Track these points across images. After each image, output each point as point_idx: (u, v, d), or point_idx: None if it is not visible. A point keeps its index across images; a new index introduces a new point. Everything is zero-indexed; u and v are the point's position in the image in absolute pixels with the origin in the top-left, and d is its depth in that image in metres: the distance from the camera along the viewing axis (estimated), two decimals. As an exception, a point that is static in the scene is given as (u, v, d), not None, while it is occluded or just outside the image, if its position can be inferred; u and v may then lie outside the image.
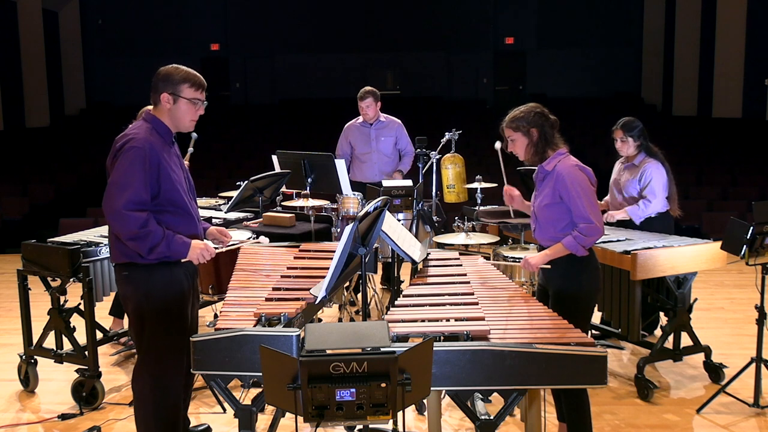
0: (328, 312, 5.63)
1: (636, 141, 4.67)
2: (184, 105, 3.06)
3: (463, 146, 6.02)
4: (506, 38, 19.73)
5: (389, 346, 2.16)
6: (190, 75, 3.08)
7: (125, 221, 2.87)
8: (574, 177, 3.11)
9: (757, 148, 12.50)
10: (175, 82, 3.04)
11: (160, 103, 3.06)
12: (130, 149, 2.91)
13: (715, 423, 3.81)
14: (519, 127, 3.23)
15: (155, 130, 3.03)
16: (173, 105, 3.05)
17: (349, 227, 2.74)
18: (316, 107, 17.65)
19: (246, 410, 2.68)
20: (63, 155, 13.49)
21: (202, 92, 3.11)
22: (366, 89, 6.06)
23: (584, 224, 3.08)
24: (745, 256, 3.68)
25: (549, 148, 3.21)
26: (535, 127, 3.20)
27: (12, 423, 3.93)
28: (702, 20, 15.81)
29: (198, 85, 3.08)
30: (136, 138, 2.94)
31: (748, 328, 4.93)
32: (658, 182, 4.58)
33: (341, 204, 5.14)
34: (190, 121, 3.13)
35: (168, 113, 3.07)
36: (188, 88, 3.05)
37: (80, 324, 4.09)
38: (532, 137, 3.21)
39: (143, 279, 3.01)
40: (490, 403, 2.67)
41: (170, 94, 3.03)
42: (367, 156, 6.09)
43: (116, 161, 2.93)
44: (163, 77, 3.05)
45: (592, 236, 3.08)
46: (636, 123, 4.71)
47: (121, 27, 19.29)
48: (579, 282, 3.18)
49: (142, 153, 2.90)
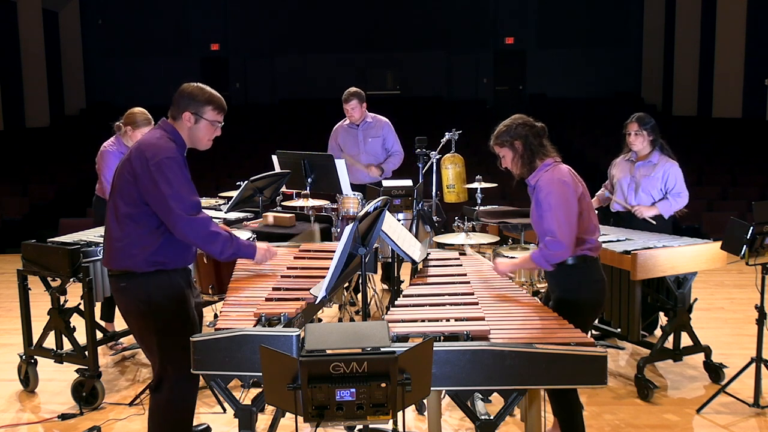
0: (328, 312, 5.63)
1: (650, 136, 4.68)
2: (204, 126, 3.10)
3: (463, 146, 6.01)
4: (506, 38, 19.73)
5: (389, 346, 2.16)
6: (215, 98, 3.12)
7: (196, 226, 2.95)
8: (549, 190, 3.05)
9: (757, 148, 12.50)
10: (199, 103, 3.07)
11: (181, 120, 3.08)
12: (168, 159, 2.94)
13: (715, 423, 3.81)
14: (504, 143, 3.19)
15: (176, 144, 3.06)
16: (194, 125, 3.08)
17: (349, 227, 2.74)
18: (316, 107, 17.64)
19: (246, 410, 2.69)
20: (63, 155, 13.49)
21: (223, 115, 3.16)
22: (350, 91, 5.98)
23: (550, 238, 3.04)
24: (745, 256, 3.68)
25: (537, 158, 3.15)
26: (518, 139, 3.15)
27: (12, 423, 3.93)
28: (702, 20, 15.81)
29: (221, 109, 3.13)
30: (168, 148, 2.98)
31: (748, 328, 4.93)
32: (682, 180, 4.66)
33: (341, 204, 5.14)
34: (208, 141, 3.17)
35: (188, 131, 3.10)
36: (212, 110, 3.09)
37: (80, 324, 4.09)
38: (517, 150, 3.16)
39: (142, 288, 3.00)
40: (490, 403, 2.67)
41: (193, 113, 3.06)
42: (356, 157, 6.02)
43: (159, 173, 2.92)
44: (187, 95, 3.08)
45: (556, 251, 3.03)
46: (650, 118, 4.73)
47: (121, 27, 19.29)
48: (578, 294, 3.14)
49: (180, 161, 2.98)
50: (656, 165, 4.69)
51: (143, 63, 19.25)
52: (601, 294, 3.21)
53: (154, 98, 17.67)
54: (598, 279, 3.19)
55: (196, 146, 3.17)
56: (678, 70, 16.85)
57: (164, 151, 2.95)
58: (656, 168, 4.67)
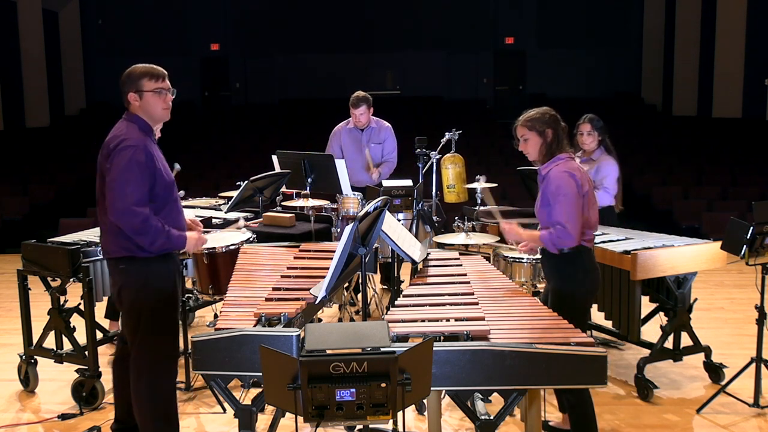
0: (328, 312, 5.63)
1: (599, 136, 4.79)
2: (150, 97, 3.18)
3: (463, 146, 6.00)
4: (506, 38, 19.70)
5: (389, 346, 2.16)
6: (147, 68, 3.21)
7: (131, 217, 3.00)
8: (559, 182, 3.19)
9: (757, 148, 12.50)
10: (134, 80, 3.18)
11: (131, 104, 3.19)
12: (125, 148, 3.03)
13: (715, 423, 3.81)
14: (534, 127, 3.31)
15: (139, 128, 3.15)
16: (141, 101, 3.18)
17: (349, 227, 2.74)
18: (316, 107, 17.63)
19: (246, 410, 2.69)
20: (63, 155, 13.49)
21: (164, 81, 3.23)
22: (359, 96, 5.86)
23: (560, 227, 3.16)
24: (745, 256, 3.68)
25: (557, 150, 3.29)
26: (551, 128, 3.29)
27: (12, 423, 3.93)
28: (702, 20, 15.79)
29: (156, 76, 3.20)
30: (130, 137, 3.07)
31: (748, 328, 4.93)
32: (612, 178, 4.71)
33: (341, 204, 5.14)
34: (162, 110, 3.24)
35: (140, 110, 3.19)
36: (148, 81, 3.18)
37: (80, 324, 4.09)
38: (547, 138, 3.29)
39: (141, 271, 3.12)
40: (490, 403, 2.67)
41: (134, 92, 3.17)
42: (358, 162, 5.97)
43: (114, 161, 3.04)
44: (124, 79, 3.21)
45: (564, 240, 3.16)
46: (600, 120, 4.84)
47: (121, 27, 19.26)
48: (573, 281, 3.26)
49: (137, 151, 3.03)
50: (594, 161, 4.78)
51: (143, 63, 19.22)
52: (594, 283, 3.36)
53: (154, 98, 17.74)
54: (592, 269, 3.33)
55: (155, 120, 3.24)
56: (678, 70, 16.84)
57: (129, 141, 3.06)
58: (595, 164, 4.77)
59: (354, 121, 5.95)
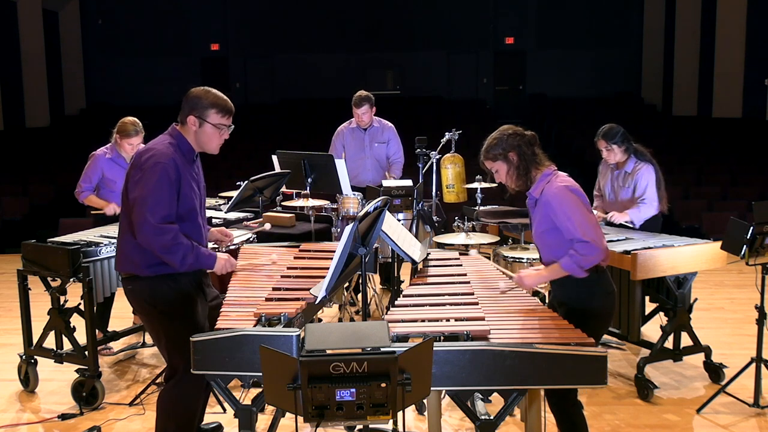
0: (328, 312, 5.63)
1: (621, 146, 4.59)
2: (210, 130, 3.08)
3: (463, 146, 6.00)
4: (506, 38, 19.70)
5: (389, 346, 2.16)
6: (219, 100, 3.09)
7: (159, 234, 2.90)
8: (561, 199, 2.94)
9: (757, 148, 12.49)
10: (202, 107, 3.05)
11: (187, 124, 3.08)
12: (156, 165, 2.93)
13: (715, 423, 3.81)
14: (497, 156, 3.08)
15: (179, 147, 3.05)
16: (199, 128, 3.07)
17: (349, 227, 2.74)
18: (316, 107, 17.63)
19: (246, 410, 2.69)
20: (63, 155, 13.48)
21: (229, 118, 3.13)
22: (361, 95, 5.86)
23: (579, 243, 2.90)
24: (745, 256, 3.68)
25: (532, 167, 3.05)
26: (512, 150, 3.04)
27: (12, 423, 3.93)
28: (702, 20, 15.79)
29: (225, 111, 3.10)
30: (162, 153, 2.97)
31: (748, 328, 4.93)
32: (651, 187, 4.56)
33: (341, 204, 5.14)
34: (215, 145, 3.15)
35: (193, 135, 3.09)
36: (215, 113, 3.07)
37: (80, 324, 4.09)
38: (512, 162, 3.05)
39: (146, 291, 3.05)
40: (490, 403, 2.67)
41: (197, 117, 3.05)
42: (361, 161, 6.00)
43: (143, 176, 2.94)
44: (192, 99, 3.07)
45: (589, 254, 2.89)
46: (616, 129, 4.61)
47: (121, 27, 19.26)
48: (590, 304, 3.00)
49: (167, 169, 2.93)
50: (630, 174, 4.64)
51: (143, 63, 19.22)
52: (611, 306, 3.09)
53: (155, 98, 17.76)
54: (609, 291, 3.06)
55: (204, 150, 3.15)
56: (678, 70, 16.84)
57: (158, 156, 2.96)
58: (629, 178, 4.63)
59: (356, 120, 5.96)
